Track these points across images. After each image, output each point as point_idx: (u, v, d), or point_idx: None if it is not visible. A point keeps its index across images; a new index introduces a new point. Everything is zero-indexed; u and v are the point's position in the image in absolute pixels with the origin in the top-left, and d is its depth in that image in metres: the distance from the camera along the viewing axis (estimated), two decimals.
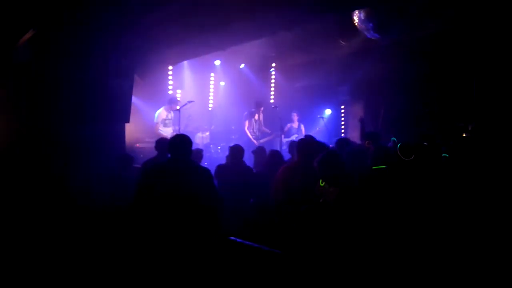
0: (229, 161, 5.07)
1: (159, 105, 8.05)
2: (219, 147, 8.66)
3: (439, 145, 4.02)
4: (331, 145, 5.19)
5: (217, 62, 9.42)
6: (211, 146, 8.69)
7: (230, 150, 5.05)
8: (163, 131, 7.80)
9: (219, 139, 9.17)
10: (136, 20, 5.56)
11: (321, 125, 9.31)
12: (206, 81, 10.00)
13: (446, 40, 6.86)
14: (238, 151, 4.96)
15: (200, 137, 8.98)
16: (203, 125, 9.35)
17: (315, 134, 8.32)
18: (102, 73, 5.86)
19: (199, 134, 9.04)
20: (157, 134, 7.56)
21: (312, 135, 4.90)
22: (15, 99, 5.28)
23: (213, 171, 4.27)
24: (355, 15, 6.37)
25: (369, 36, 6.77)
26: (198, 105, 8.87)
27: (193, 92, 9.28)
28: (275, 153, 5.11)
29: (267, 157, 5.18)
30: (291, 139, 7.94)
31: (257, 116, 8.68)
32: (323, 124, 9.19)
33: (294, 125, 8.84)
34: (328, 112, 9.87)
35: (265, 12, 5.47)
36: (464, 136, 6.22)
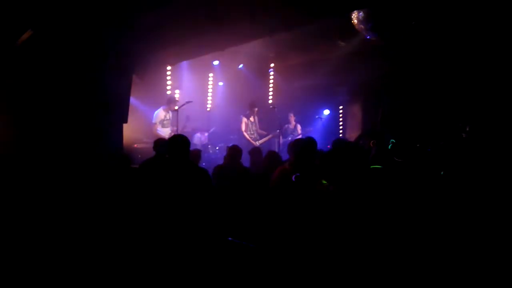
0: (227, 161, 5.07)
1: (157, 105, 8.05)
2: (217, 148, 8.65)
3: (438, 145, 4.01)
4: (328, 146, 5.18)
5: (216, 62, 9.41)
6: (209, 146, 8.68)
7: (228, 150, 5.04)
8: (161, 131, 7.79)
9: (217, 140, 9.17)
10: (134, 20, 5.56)
11: (318, 125, 9.31)
12: (204, 82, 9.99)
13: (445, 40, 6.86)
14: (236, 151, 4.96)
15: (198, 138, 8.98)
16: (201, 125, 9.34)
17: (308, 134, 8.37)
18: (100, 73, 5.85)
19: (198, 134, 9.04)
20: (155, 134, 7.56)
21: (311, 137, 4.89)
22: (13, 100, 5.27)
23: (211, 172, 4.26)
24: (353, 15, 6.36)
25: (367, 36, 6.77)
26: (196, 105, 8.85)
27: (191, 92, 9.26)
28: (272, 154, 5.11)
29: (264, 157, 5.17)
30: (288, 139, 7.96)
31: (252, 117, 8.67)
32: (320, 124, 9.20)
33: (291, 126, 8.86)
34: (326, 112, 9.88)
35: (263, 13, 5.47)
36: (455, 136, 6.21)
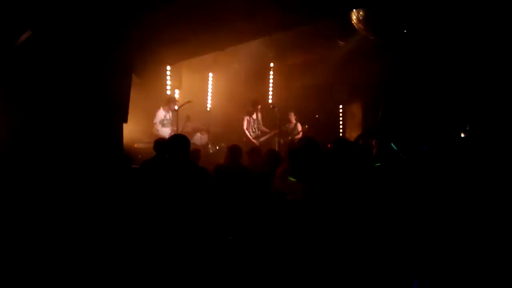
0: (227, 161, 5.06)
1: (157, 105, 8.04)
2: (217, 147, 8.65)
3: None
4: (328, 145, 5.16)
5: (215, 62, 9.40)
6: (210, 146, 8.68)
7: (228, 150, 5.04)
8: (162, 131, 7.79)
9: (217, 139, 9.16)
10: (134, 20, 5.56)
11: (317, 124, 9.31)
12: (204, 81, 9.99)
13: (444, 39, 6.86)
14: (236, 151, 4.96)
15: (198, 138, 8.98)
16: (201, 125, 9.34)
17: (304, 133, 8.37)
18: (100, 73, 5.85)
19: (198, 134, 9.03)
20: (155, 134, 7.55)
21: (311, 137, 4.86)
22: (12, 99, 5.27)
23: (211, 172, 4.26)
24: (353, 15, 6.37)
25: (367, 35, 6.78)
26: (196, 105, 8.85)
27: (191, 92, 9.26)
28: (272, 152, 5.08)
29: (264, 156, 5.15)
30: (288, 139, 7.94)
31: (255, 115, 8.67)
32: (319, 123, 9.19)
33: (291, 125, 8.83)
34: None
35: (263, 12, 5.47)
36: (454, 135, 6.21)
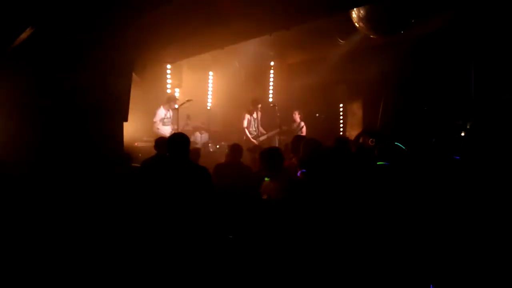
0: (227, 159, 5.06)
1: (157, 104, 8.04)
2: (217, 146, 8.65)
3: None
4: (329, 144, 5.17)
5: (216, 60, 9.39)
6: (210, 145, 8.69)
7: (228, 149, 5.04)
8: (162, 130, 7.79)
9: (217, 138, 9.16)
10: (134, 18, 5.54)
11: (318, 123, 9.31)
12: (204, 80, 9.98)
13: (445, 38, 6.86)
14: (236, 150, 4.95)
15: (198, 136, 8.98)
16: (201, 124, 9.34)
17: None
18: (100, 72, 5.84)
19: (198, 133, 9.04)
20: (155, 133, 7.56)
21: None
22: (11, 99, 5.26)
23: (211, 170, 4.25)
24: (353, 13, 6.35)
25: (368, 34, 6.76)
26: (196, 104, 8.85)
27: (191, 91, 9.26)
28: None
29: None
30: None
31: (255, 114, 8.67)
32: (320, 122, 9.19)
33: (295, 124, 8.80)
34: None
35: (263, 11, 5.46)
36: (454, 134, 6.19)
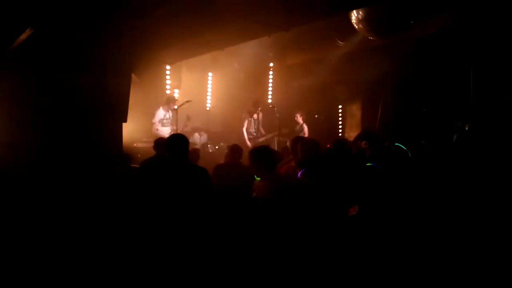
0: (227, 160, 5.06)
1: (157, 105, 8.04)
2: (216, 147, 8.65)
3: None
4: (327, 145, 5.17)
5: (215, 61, 9.40)
6: (209, 146, 8.69)
7: (228, 149, 5.04)
8: (161, 130, 7.79)
9: (216, 139, 9.16)
10: (134, 19, 5.55)
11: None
12: (204, 81, 9.98)
13: (444, 39, 6.87)
14: (236, 150, 4.95)
15: (198, 137, 8.98)
16: (200, 125, 9.34)
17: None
18: (99, 73, 5.85)
19: (197, 134, 9.04)
20: (155, 134, 7.56)
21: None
22: (12, 99, 5.26)
23: (210, 171, 4.25)
24: (353, 14, 6.36)
25: (367, 35, 6.77)
26: (196, 105, 8.85)
27: (191, 91, 9.26)
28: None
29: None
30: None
31: (256, 115, 8.67)
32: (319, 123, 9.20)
33: (298, 126, 8.80)
34: None
35: (262, 12, 5.47)
36: (452, 134, 6.20)
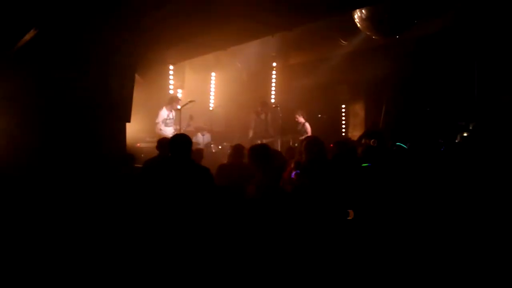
0: (230, 160, 5.06)
1: (160, 105, 8.06)
2: (220, 147, 8.66)
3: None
4: (331, 145, 5.16)
5: (218, 61, 9.41)
6: (212, 145, 8.69)
7: (231, 149, 5.04)
8: (164, 130, 7.81)
9: (220, 139, 9.17)
10: (137, 19, 5.56)
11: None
12: (207, 81, 10.00)
13: (447, 39, 6.86)
14: (239, 150, 4.95)
15: (201, 137, 8.99)
16: (204, 125, 9.35)
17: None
18: (103, 73, 5.87)
19: (200, 133, 9.05)
20: (158, 134, 7.58)
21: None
22: (15, 100, 5.29)
23: (213, 171, 4.26)
24: (356, 14, 6.35)
25: (370, 35, 6.76)
26: (199, 104, 8.87)
27: (194, 91, 9.28)
28: (275, 153, 5.08)
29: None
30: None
31: (263, 115, 8.67)
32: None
33: (299, 126, 8.80)
34: None
35: (265, 12, 5.47)
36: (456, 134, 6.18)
